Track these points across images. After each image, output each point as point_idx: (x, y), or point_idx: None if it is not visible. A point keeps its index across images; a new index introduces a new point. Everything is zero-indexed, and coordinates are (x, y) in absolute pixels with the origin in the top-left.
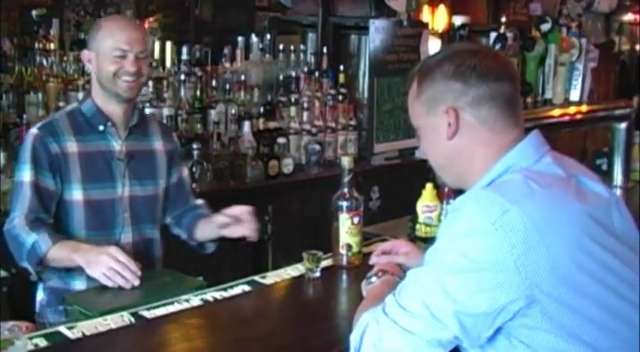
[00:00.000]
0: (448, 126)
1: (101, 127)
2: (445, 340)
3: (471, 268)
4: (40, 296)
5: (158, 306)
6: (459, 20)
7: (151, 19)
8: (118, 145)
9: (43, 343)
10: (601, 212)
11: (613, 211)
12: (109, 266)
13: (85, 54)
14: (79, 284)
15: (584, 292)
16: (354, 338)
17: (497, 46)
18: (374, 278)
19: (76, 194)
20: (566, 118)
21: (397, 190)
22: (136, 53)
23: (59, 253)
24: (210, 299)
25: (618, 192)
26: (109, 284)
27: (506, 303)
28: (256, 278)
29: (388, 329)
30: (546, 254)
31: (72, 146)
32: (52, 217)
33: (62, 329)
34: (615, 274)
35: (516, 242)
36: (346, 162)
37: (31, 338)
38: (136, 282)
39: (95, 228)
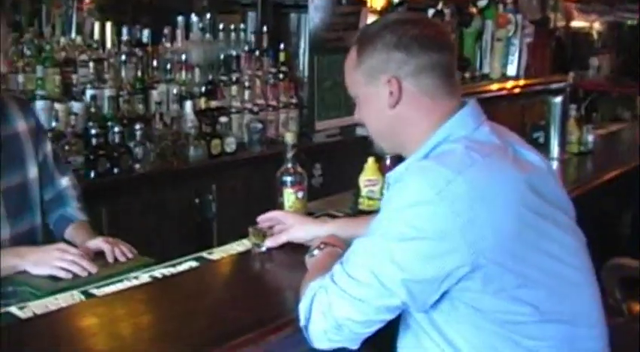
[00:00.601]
0: (390, 95)
1: None
2: (393, 306)
3: (418, 237)
4: None
5: (108, 284)
6: None
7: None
8: None
9: None
10: (537, 180)
11: (549, 179)
12: (61, 258)
13: None
14: None
15: (524, 257)
16: (303, 307)
17: None
18: (316, 251)
19: None
20: (505, 92)
21: (339, 167)
22: None
23: None
24: (159, 275)
25: (555, 164)
26: (62, 275)
27: (452, 269)
28: (203, 254)
29: (337, 297)
30: (490, 222)
31: None
32: None
33: (13, 309)
34: (553, 239)
35: (461, 210)
36: (289, 137)
37: None
38: (94, 270)
39: None
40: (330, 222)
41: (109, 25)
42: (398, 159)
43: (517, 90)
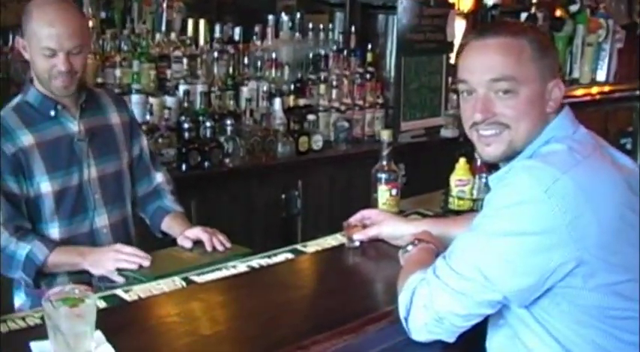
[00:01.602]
0: (551, 98)
1: (52, 112)
2: (495, 301)
3: (526, 232)
4: (21, 300)
5: (207, 272)
6: (490, 0)
7: None
8: (74, 126)
9: (102, 304)
10: (633, 181)
11: None
12: (116, 258)
13: (20, 42)
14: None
15: (626, 254)
16: (403, 300)
17: None
18: (410, 247)
19: (44, 186)
20: (594, 97)
21: (423, 168)
22: (67, 51)
23: (59, 259)
24: (256, 265)
25: None
26: (119, 280)
27: (558, 265)
28: (298, 246)
29: (439, 290)
30: (595, 219)
31: (28, 140)
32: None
33: (119, 292)
34: None
35: (568, 208)
36: (385, 135)
37: None
38: (146, 263)
39: (68, 216)
40: (419, 221)
41: (202, 23)
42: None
43: (603, 96)
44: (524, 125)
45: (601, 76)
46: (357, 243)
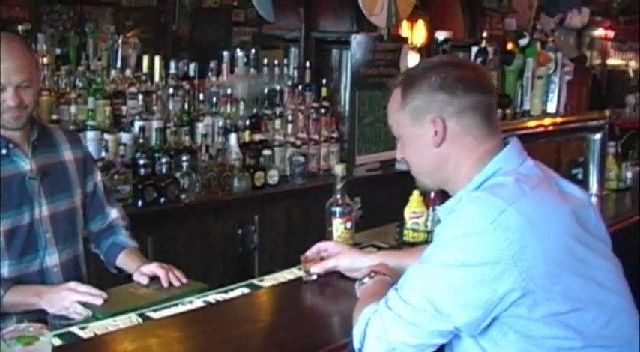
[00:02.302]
0: (434, 134)
1: (4, 151)
2: (446, 331)
3: (473, 263)
4: None
5: (164, 308)
6: (441, 35)
7: (129, 34)
8: (26, 164)
9: (57, 342)
10: (580, 211)
11: (589, 210)
12: (71, 299)
13: None
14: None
15: (571, 284)
16: (357, 332)
17: (479, 60)
18: (366, 279)
19: None
20: (546, 129)
21: (379, 201)
22: (15, 85)
23: (14, 299)
24: (213, 300)
25: (594, 200)
26: (76, 317)
27: (504, 294)
28: (254, 281)
29: (392, 322)
30: (540, 250)
31: None
32: None
33: (74, 329)
34: (596, 267)
35: (513, 239)
36: (339, 169)
37: None
38: (99, 301)
39: (18, 255)
40: (375, 253)
41: (157, 59)
42: (443, 192)
43: (556, 127)
44: (413, 164)
45: (551, 107)
46: (315, 276)
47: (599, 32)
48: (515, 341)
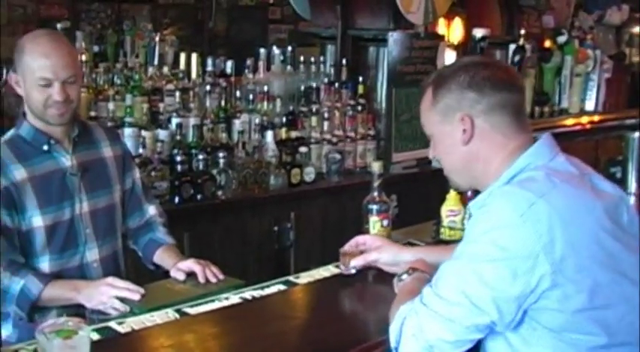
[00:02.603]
0: (463, 132)
1: (45, 147)
2: (482, 325)
3: (504, 257)
4: (7, 332)
5: (200, 304)
6: (479, 33)
7: (165, 31)
8: (67, 160)
9: (95, 336)
10: (613, 207)
11: (622, 207)
12: (109, 295)
13: (12, 77)
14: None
15: (599, 278)
16: (393, 330)
17: (517, 58)
18: (405, 276)
19: (36, 221)
20: (584, 127)
21: (414, 198)
22: (62, 80)
23: (53, 293)
24: (249, 297)
25: (632, 199)
26: (113, 312)
27: (535, 286)
28: (291, 278)
29: (428, 318)
30: (570, 242)
31: (20, 174)
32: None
33: (112, 324)
34: (627, 263)
35: (543, 231)
36: (376, 167)
37: None
38: (137, 296)
39: (58, 250)
40: (416, 248)
41: (194, 56)
42: (478, 191)
43: (594, 126)
44: (444, 162)
45: (589, 105)
46: (354, 270)
47: (638, 29)
48: (543, 338)
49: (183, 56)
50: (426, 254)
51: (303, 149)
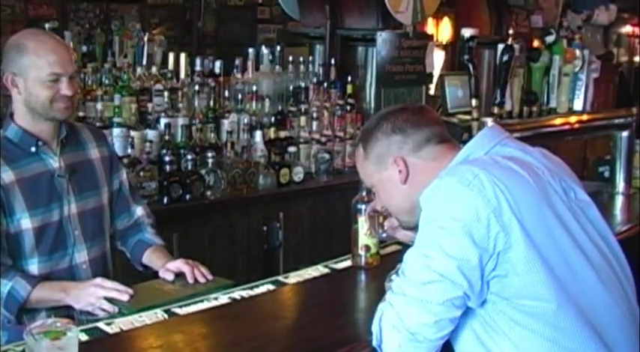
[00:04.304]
0: (399, 173)
1: (33, 149)
2: (457, 298)
3: (460, 226)
4: None
5: (189, 304)
6: (467, 32)
7: (154, 31)
8: (55, 162)
9: (83, 337)
10: (558, 187)
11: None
12: (97, 295)
13: (9, 78)
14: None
15: (548, 241)
16: (374, 327)
17: (505, 57)
18: (394, 276)
19: (24, 223)
20: (572, 126)
21: None
22: (70, 75)
23: (41, 295)
24: (238, 297)
25: (620, 198)
26: (101, 314)
27: (492, 250)
28: (280, 278)
29: (404, 306)
30: (515, 208)
31: (8, 176)
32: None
33: (101, 324)
34: (566, 247)
35: (490, 197)
36: None
37: None
38: (125, 297)
39: (47, 252)
40: None
41: (183, 56)
42: None
43: (582, 125)
44: (391, 208)
45: (578, 105)
46: (385, 234)
47: (626, 29)
48: (503, 317)
49: (171, 56)
50: None
51: (291, 149)
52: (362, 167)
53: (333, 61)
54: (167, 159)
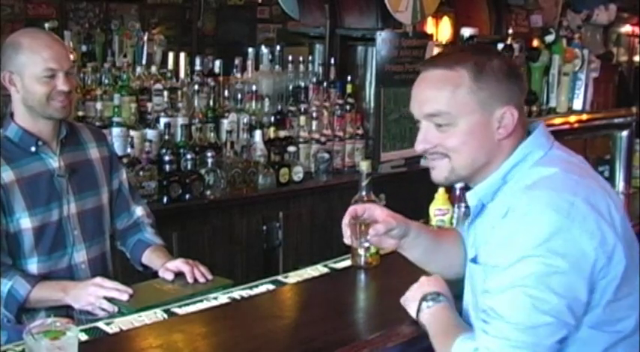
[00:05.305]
0: (503, 126)
1: (33, 148)
2: (562, 337)
3: (566, 264)
4: None
5: (189, 304)
6: (467, 32)
7: (154, 31)
8: (55, 162)
9: (83, 337)
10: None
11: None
12: (97, 295)
13: (6, 77)
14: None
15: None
16: None
17: None
18: (425, 305)
19: (24, 222)
20: (572, 126)
21: (403, 198)
22: (66, 70)
23: (41, 294)
24: (237, 297)
25: (621, 197)
26: (100, 314)
27: (599, 282)
28: (279, 277)
29: (509, 350)
30: (615, 232)
31: (8, 176)
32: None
33: (100, 324)
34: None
35: (593, 229)
36: (364, 166)
37: None
38: (125, 297)
39: (47, 252)
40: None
41: (182, 56)
42: (467, 189)
43: (582, 125)
44: (464, 155)
45: (577, 104)
46: (367, 244)
47: (626, 29)
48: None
49: (171, 56)
50: (427, 234)
51: (291, 148)
52: (452, 97)
53: (332, 61)
54: (167, 158)
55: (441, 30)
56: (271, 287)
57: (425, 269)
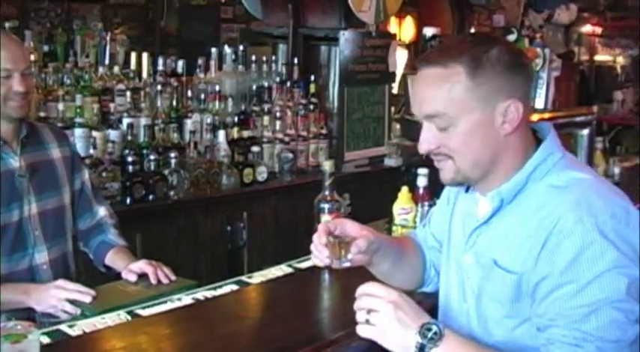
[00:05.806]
0: (508, 122)
1: None
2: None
3: (638, 269)
4: None
5: (153, 305)
6: (430, 31)
7: (116, 31)
8: (15, 162)
9: (45, 340)
10: None
11: None
12: (59, 297)
13: None
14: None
15: None
16: None
17: None
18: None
19: None
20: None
21: (367, 197)
22: (21, 71)
23: (2, 297)
24: (201, 297)
25: None
26: (63, 316)
27: None
28: (243, 278)
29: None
30: None
31: None
32: None
33: (63, 327)
34: None
35: None
36: (327, 166)
37: None
38: (88, 299)
39: (7, 253)
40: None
41: (145, 56)
42: (431, 187)
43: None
44: (467, 156)
45: (539, 103)
46: (348, 263)
47: (586, 28)
48: None
49: (134, 56)
50: (391, 245)
51: (255, 148)
52: (449, 97)
53: (296, 61)
54: (130, 159)
55: (404, 29)
56: (235, 287)
57: (387, 282)
